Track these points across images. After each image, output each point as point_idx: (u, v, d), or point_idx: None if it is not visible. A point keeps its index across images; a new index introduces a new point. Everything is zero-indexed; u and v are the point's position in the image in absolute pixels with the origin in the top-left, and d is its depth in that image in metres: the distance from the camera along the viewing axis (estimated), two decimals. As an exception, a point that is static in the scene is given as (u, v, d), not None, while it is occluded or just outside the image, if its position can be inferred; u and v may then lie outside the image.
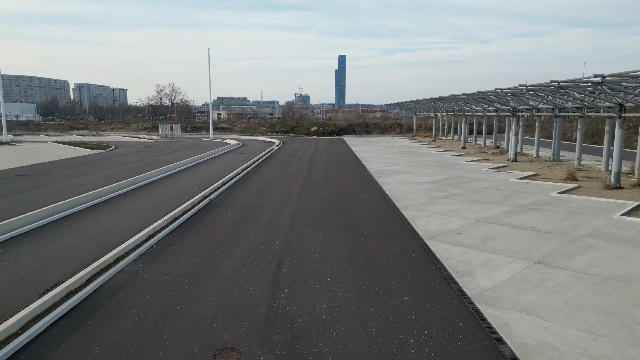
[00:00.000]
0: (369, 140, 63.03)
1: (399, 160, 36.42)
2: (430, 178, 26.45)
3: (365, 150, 46.06)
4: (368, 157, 38.45)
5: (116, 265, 11.09)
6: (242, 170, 28.93)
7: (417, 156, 39.20)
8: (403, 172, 29.06)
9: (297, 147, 49.36)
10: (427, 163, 33.98)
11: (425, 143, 54.50)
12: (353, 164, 33.70)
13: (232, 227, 15.27)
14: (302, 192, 21.82)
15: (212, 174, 27.59)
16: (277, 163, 34.18)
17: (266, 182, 25.10)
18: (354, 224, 15.77)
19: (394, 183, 24.80)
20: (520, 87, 28.90)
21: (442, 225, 15.63)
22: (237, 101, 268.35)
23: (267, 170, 29.82)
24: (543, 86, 27.40)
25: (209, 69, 57.00)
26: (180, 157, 35.75)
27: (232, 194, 21.16)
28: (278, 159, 37.00)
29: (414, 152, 42.89)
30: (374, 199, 20.46)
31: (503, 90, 29.05)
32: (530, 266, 11.54)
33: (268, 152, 42.59)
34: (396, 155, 40.04)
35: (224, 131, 76.89)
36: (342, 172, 29.43)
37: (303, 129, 77.41)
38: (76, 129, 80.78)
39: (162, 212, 16.75)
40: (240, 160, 35.41)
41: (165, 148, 46.08)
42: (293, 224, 15.75)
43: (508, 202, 19.37)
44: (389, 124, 79.03)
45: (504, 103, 35.30)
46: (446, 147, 47.76)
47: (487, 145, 48.02)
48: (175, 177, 26.46)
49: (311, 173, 28.68)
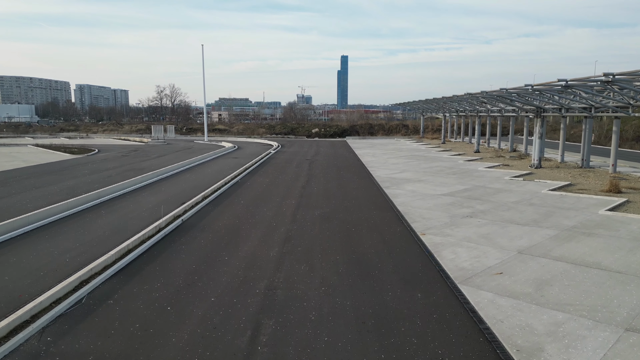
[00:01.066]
0: (373, 142, 59.38)
1: (408, 165, 32.76)
2: (447, 189, 22.78)
3: (370, 154, 42.42)
4: (373, 162, 34.82)
5: (8, 341, 7.46)
6: (231, 179, 25.34)
7: (428, 161, 35.53)
8: (414, 181, 25.40)
9: (297, 151, 45.77)
10: (440, 169, 30.31)
11: (434, 146, 50.82)
12: (357, 171, 30.06)
13: (200, 264, 11.65)
14: (298, 209, 18.19)
15: (195, 184, 24.00)
16: (273, 170, 30.58)
17: (256, 194, 21.49)
18: (362, 258, 12.14)
19: (406, 195, 21.14)
20: (526, 86, 26.30)
21: (475, 259, 11.98)
22: (239, 102, 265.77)
23: (260, 179, 26.21)
24: (549, 85, 24.35)
25: (203, 68, 53.58)
26: (166, 163, 32.21)
27: (213, 212, 17.55)
28: (274, 165, 33.41)
29: (423, 157, 39.21)
30: (383, 217, 16.82)
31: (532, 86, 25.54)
32: (623, 337, 7.88)
33: (264, 156, 39.01)
34: (404, 160, 36.38)
35: (221, 133, 73.35)
36: (345, 181, 25.80)
37: (304, 130, 73.83)
38: (67, 130, 77.34)
39: (116, 240, 13.15)
40: (232, 166, 31.82)
41: (153, 152, 42.54)
42: (282, 257, 12.12)
43: (550, 223, 15.69)
44: (393, 125, 75.40)
45: (526, 102, 31.61)
46: (458, 151, 44.07)
47: (502, 149, 44.32)
48: (152, 188, 22.88)
49: (310, 182, 25.06)
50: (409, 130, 73.61)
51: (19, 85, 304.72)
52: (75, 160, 34.31)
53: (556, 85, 24.40)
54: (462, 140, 57.40)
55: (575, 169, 29.36)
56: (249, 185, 24.12)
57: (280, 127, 76.06)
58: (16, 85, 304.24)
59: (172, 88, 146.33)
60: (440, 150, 45.27)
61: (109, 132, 74.69)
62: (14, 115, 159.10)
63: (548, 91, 25.86)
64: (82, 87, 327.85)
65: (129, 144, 53.47)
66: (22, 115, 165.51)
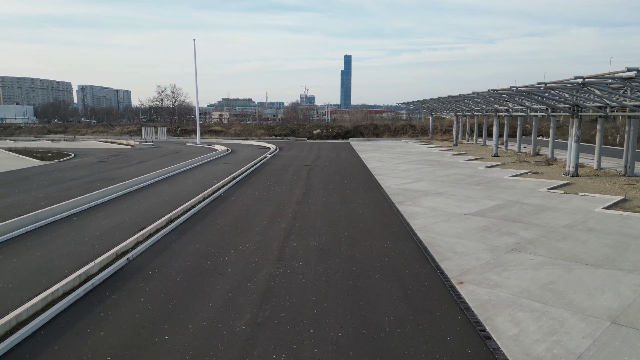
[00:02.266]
0: (379, 144, 55.12)
1: (421, 173, 28.51)
2: (474, 205, 18.53)
3: (376, 158, 38.18)
4: (381, 169, 30.58)
5: None
6: (213, 192, 21.19)
7: (443, 167, 31.25)
8: (432, 194, 21.16)
9: (295, 155, 41.58)
10: (459, 178, 26.04)
11: (445, 148, 46.49)
12: (363, 180, 25.85)
13: (125, 347, 7.46)
14: (288, 238, 13.99)
15: (167, 199, 19.86)
16: (265, 179, 26.40)
17: (239, 214, 17.30)
18: (375, 334, 7.93)
19: (426, 215, 16.91)
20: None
21: (552, 339, 7.75)
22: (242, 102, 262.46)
23: (248, 192, 22.03)
24: (600, 77, 20.23)
25: (195, 65, 49.58)
26: (144, 171, 28.09)
27: (174, 244, 13.37)
28: (268, 173, 29.22)
29: (436, 162, 34.93)
30: (401, 251, 12.61)
31: (583, 79, 21.18)
32: None
33: (258, 161, 34.85)
34: (416, 166, 32.11)
35: (217, 135, 69.24)
36: (349, 194, 21.58)
37: (305, 131, 69.62)
38: (54, 132, 73.40)
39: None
40: (219, 174, 27.67)
41: (135, 157, 38.43)
42: (254, 335, 7.93)
43: (632, 262, 11.44)
44: (400, 126, 71.09)
45: (559, 100, 27.30)
46: (473, 154, 39.75)
47: (523, 152, 39.97)
48: (111, 205, 18.72)
49: (307, 196, 20.86)
50: (417, 131, 69.28)
51: (20, 86, 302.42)
52: (42, 168, 30.21)
53: (613, 77, 20.13)
54: (476, 142, 53.03)
55: (619, 177, 25.04)
56: (232, 200, 19.92)
57: (280, 128, 71.88)
58: (17, 86, 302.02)
59: (173, 88, 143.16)
60: (453, 153, 40.96)
61: (98, 133, 70.67)
62: (11, 116, 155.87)
63: (596, 85, 21.59)
64: (84, 88, 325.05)
65: (113, 147, 49.43)
66: (19, 117, 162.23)
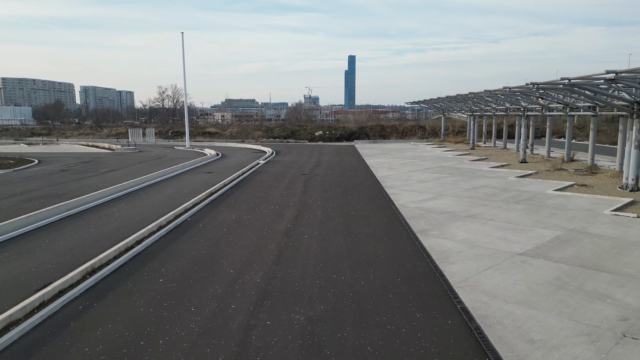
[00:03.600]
0: (387, 147, 50.07)
1: (442, 184, 23.51)
2: (526, 238, 13.53)
3: (385, 164, 33.19)
4: (392, 179, 25.59)
5: None
6: (176, 215, 16.31)
7: (466, 177, 26.22)
8: (463, 217, 16.19)
9: (293, 160, 36.66)
10: (490, 192, 21.03)
11: (462, 152, 41.40)
12: (371, 194, 20.89)
13: None
14: (260, 308, 9.03)
15: (109, 230, 14.96)
16: (251, 195, 21.50)
17: (198, 257, 12.37)
18: None
19: (463, 255, 11.94)
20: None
21: None
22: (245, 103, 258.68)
23: (224, 215, 17.12)
24: None
25: (184, 59, 44.74)
26: (107, 183, 23.26)
27: (86, 315, 8.49)
28: (256, 185, 24.31)
29: (456, 169, 29.89)
30: (441, 340, 7.64)
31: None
32: None
33: (248, 170, 29.95)
34: (433, 175, 27.09)
35: (211, 137, 64.36)
36: (354, 217, 16.61)
37: (306, 133, 64.70)
38: (38, 134, 68.90)
39: None
40: (197, 187, 22.79)
41: (108, 164, 33.58)
42: None
43: None
44: (408, 127, 66.01)
45: (612, 95, 22.24)
46: (496, 160, 34.67)
47: (553, 157, 34.86)
48: (27, 240, 13.86)
49: (299, 222, 15.93)
50: (427, 132, 64.20)
51: (22, 87, 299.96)
52: (-14, 179, 25.40)
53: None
54: (494, 144, 47.89)
55: (693, 192, 19.96)
56: (198, 230, 14.99)
57: (279, 129, 66.92)
58: (19, 87, 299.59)
59: (174, 89, 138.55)
60: (473, 159, 35.87)
61: (84, 136, 65.96)
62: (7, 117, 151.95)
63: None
64: (86, 89, 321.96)
65: (91, 151, 44.65)
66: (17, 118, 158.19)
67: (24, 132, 69.75)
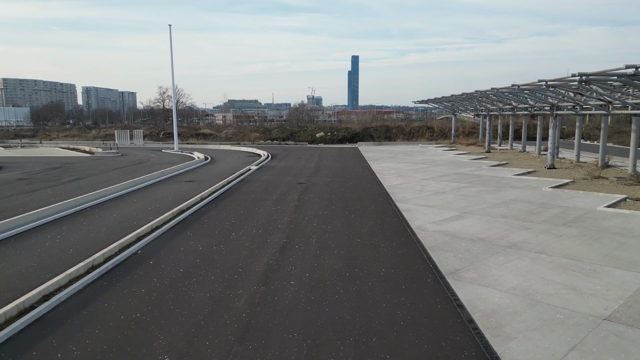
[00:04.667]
0: (394, 150, 46.03)
1: (463, 196, 19.47)
2: (603, 287, 9.53)
3: (393, 170, 29.17)
4: (403, 189, 21.58)
5: None
6: (127, 244, 12.41)
7: (490, 187, 22.17)
8: (504, 248, 12.18)
9: (289, 166, 32.72)
10: (527, 209, 17.00)
11: (478, 156, 37.31)
12: (379, 211, 16.89)
13: None
14: None
15: (34, 264, 11.04)
16: (231, 212, 17.55)
17: (130, 324, 8.42)
18: None
19: (518, 317, 7.94)
20: None
21: None
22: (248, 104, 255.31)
23: (188, 245, 13.17)
24: None
25: (172, 53, 40.87)
26: (66, 196, 19.39)
27: None
28: (241, 199, 20.37)
29: (476, 177, 25.84)
30: None
31: None
32: None
33: (236, 177, 26.03)
34: (451, 185, 23.07)
35: (205, 139, 60.42)
36: (359, 246, 12.62)
37: (306, 134, 60.75)
38: (22, 136, 65.31)
39: None
40: (168, 202, 18.89)
41: (79, 170, 29.65)
42: None
43: None
44: (415, 128, 61.90)
45: None
46: (519, 165, 30.60)
47: (583, 162, 30.79)
48: None
49: (286, 256, 11.96)
50: (435, 133, 60.10)
51: (23, 88, 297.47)
52: None
53: None
54: (511, 147, 43.79)
55: None
56: (146, 270, 11.04)
57: (278, 131, 62.94)
58: (20, 87, 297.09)
59: (176, 89, 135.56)
60: (492, 164, 31.78)
61: (70, 138, 62.19)
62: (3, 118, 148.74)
63: None
64: (88, 90, 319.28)
65: (69, 155, 40.77)
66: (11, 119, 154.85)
67: (8, 134, 66.05)
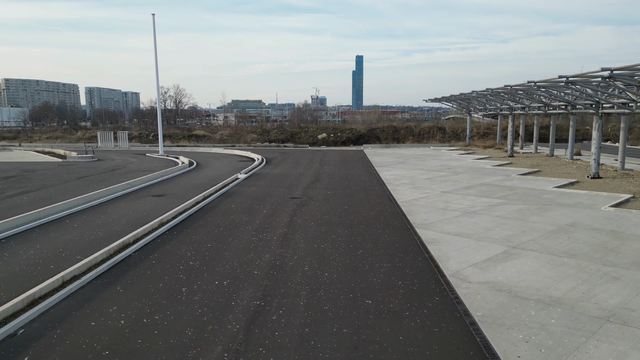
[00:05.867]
0: (404, 154, 41.39)
1: (505, 221, 14.85)
2: None
3: (407, 180, 24.56)
4: (423, 207, 16.97)
5: None
6: (35, 299, 7.90)
7: (531, 203, 17.53)
8: (599, 322, 7.58)
9: (285, 173, 28.19)
10: (602, 244, 12.40)
11: (501, 162, 32.59)
12: (397, 247, 12.32)
13: None
14: None
15: None
16: (195, 245, 13.04)
17: None
18: None
19: None
20: None
21: None
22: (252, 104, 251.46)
23: (116, 307, 8.66)
24: None
25: (155, 47, 36.47)
26: None
27: None
28: (215, 222, 15.84)
29: (508, 189, 21.20)
30: None
31: None
32: None
33: (219, 189, 21.54)
34: (482, 201, 18.43)
35: (198, 140, 55.95)
36: (372, 315, 8.06)
37: (307, 136, 56.21)
38: (3, 138, 61.19)
39: None
40: (116, 229, 14.41)
41: (35, 180, 25.18)
42: None
43: None
44: (425, 129, 57.23)
45: None
46: (553, 173, 25.92)
47: (629, 169, 26.11)
48: None
49: (257, 335, 7.41)
50: (447, 134, 55.44)
51: (25, 88, 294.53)
52: None
53: None
54: (535, 150, 39.06)
55: None
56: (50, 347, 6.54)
57: (277, 132, 58.41)
58: (22, 88, 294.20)
59: (177, 89, 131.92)
60: (522, 172, 27.07)
61: (53, 140, 57.86)
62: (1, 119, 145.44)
63: None
64: (91, 90, 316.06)
65: (38, 160, 36.30)
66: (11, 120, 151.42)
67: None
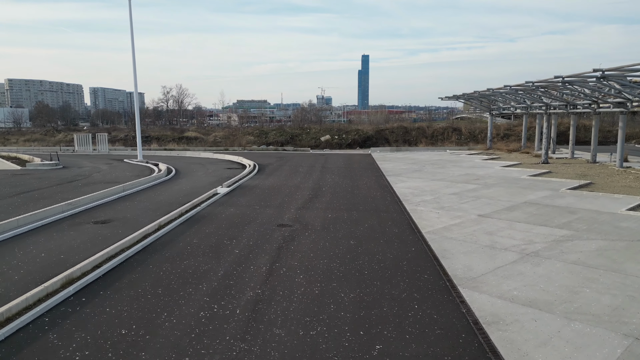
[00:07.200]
0: (418, 158, 36.27)
1: (583, 268, 9.84)
2: None
3: (428, 195, 19.51)
4: (460, 245, 11.98)
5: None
6: None
7: (614, 239, 12.46)
8: None
9: (277, 185, 23.22)
10: None
11: (537, 170, 27.38)
12: (435, 325, 7.33)
13: None
14: None
15: None
16: (104, 332, 8.10)
17: None
18: None
19: None
20: None
21: None
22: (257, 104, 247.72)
23: None
24: None
25: (132, 36, 31.73)
26: None
27: None
28: (155, 277, 10.90)
29: (566, 212, 16.10)
30: None
31: None
32: None
33: (182, 214, 16.63)
34: (539, 231, 13.38)
35: (189, 143, 51.13)
36: None
37: (309, 137, 51.23)
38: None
39: None
40: (17, 284, 9.53)
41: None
42: None
43: None
44: (439, 130, 52.04)
45: None
46: (610, 187, 20.78)
47: None
48: None
49: None
50: (463, 136, 50.25)
51: (29, 89, 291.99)
52: None
53: None
54: (572, 155, 33.81)
55: None
56: None
57: (275, 133, 53.45)
58: (25, 88, 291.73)
59: (180, 89, 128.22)
60: (572, 186, 21.91)
61: (30, 142, 53.40)
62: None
63: None
64: (95, 90, 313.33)
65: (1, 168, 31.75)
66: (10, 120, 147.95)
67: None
